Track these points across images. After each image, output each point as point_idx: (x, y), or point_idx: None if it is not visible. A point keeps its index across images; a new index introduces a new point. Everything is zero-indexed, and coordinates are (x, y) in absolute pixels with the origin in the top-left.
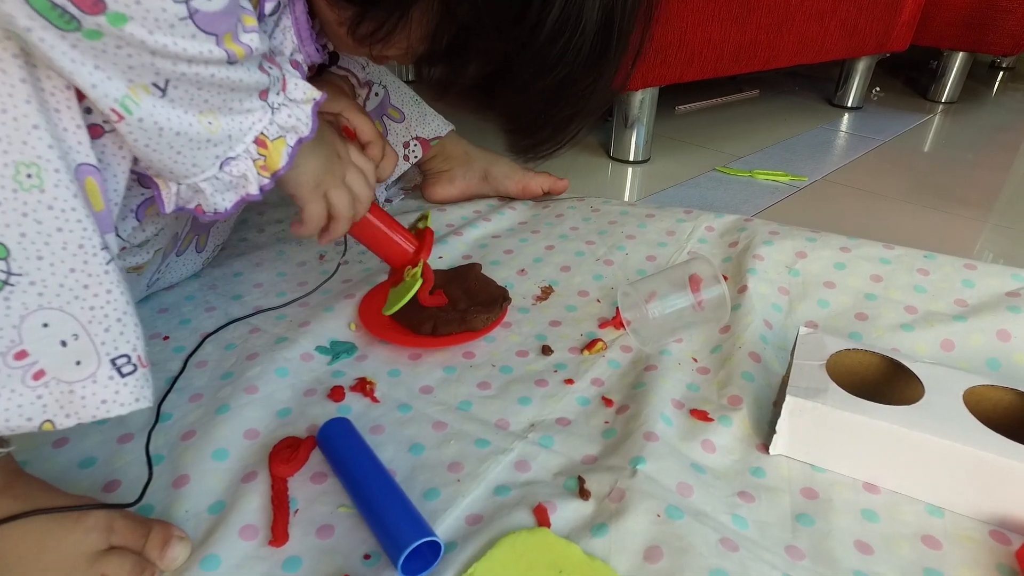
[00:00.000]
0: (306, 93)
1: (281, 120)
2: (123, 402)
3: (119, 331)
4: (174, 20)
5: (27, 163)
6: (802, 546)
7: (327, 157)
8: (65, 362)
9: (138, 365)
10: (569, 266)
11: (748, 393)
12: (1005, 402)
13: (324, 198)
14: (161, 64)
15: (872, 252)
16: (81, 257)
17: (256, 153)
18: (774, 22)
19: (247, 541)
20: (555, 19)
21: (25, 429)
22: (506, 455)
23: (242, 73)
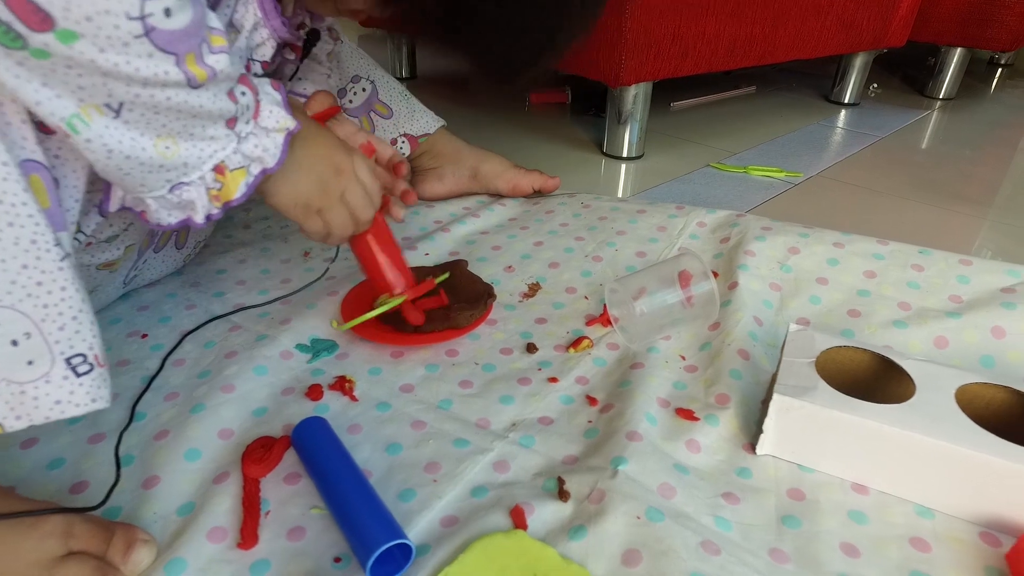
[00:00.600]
0: (279, 122)
1: (247, 150)
2: (78, 403)
3: (74, 329)
4: (128, 38)
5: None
6: (786, 549)
7: (320, 178)
8: (16, 362)
9: (95, 364)
10: (558, 262)
11: (736, 391)
12: (998, 400)
13: (318, 215)
14: (114, 85)
15: (866, 248)
16: (34, 253)
17: (212, 181)
18: (770, 16)
19: (215, 544)
20: None
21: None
22: (485, 455)
23: (205, 99)
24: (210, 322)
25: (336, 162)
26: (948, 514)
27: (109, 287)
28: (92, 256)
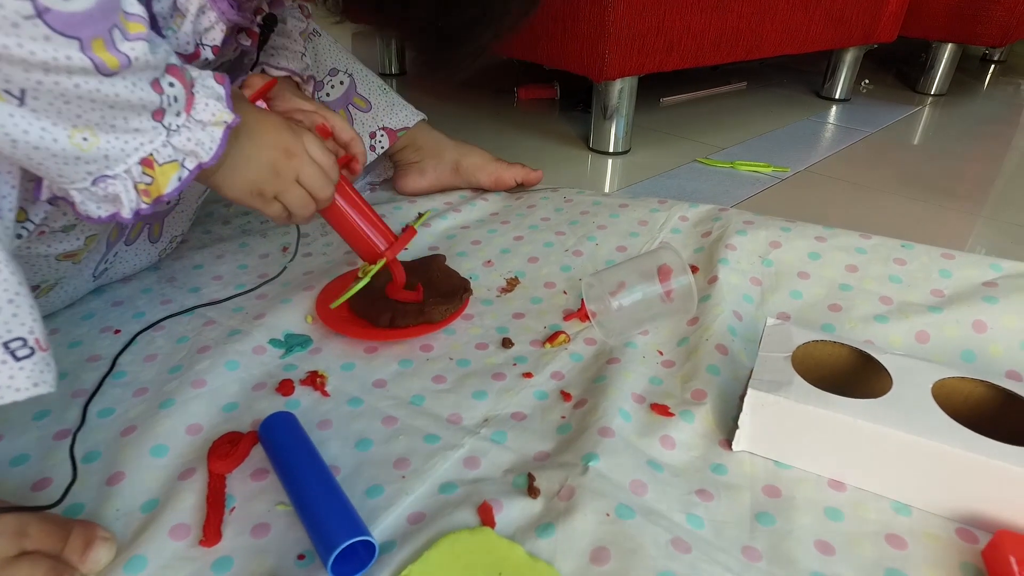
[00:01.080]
0: (216, 115)
1: (178, 143)
2: (19, 387)
3: (11, 313)
4: (17, 19)
5: None
6: (759, 547)
7: (270, 163)
8: None
9: (36, 348)
10: (537, 257)
11: (713, 387)
12: (976, 395)
13: (275, 200)
14: (9, 70)
15: (848, 242)
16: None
17: (140, 175)
18: (757, 10)
19: (177, 541)
20: None
21: None
22: (455, 451)
23: (120, 87)
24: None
25: (285, 145)
26: (925, 510)
27: (76, 280)
28: (48, 246)
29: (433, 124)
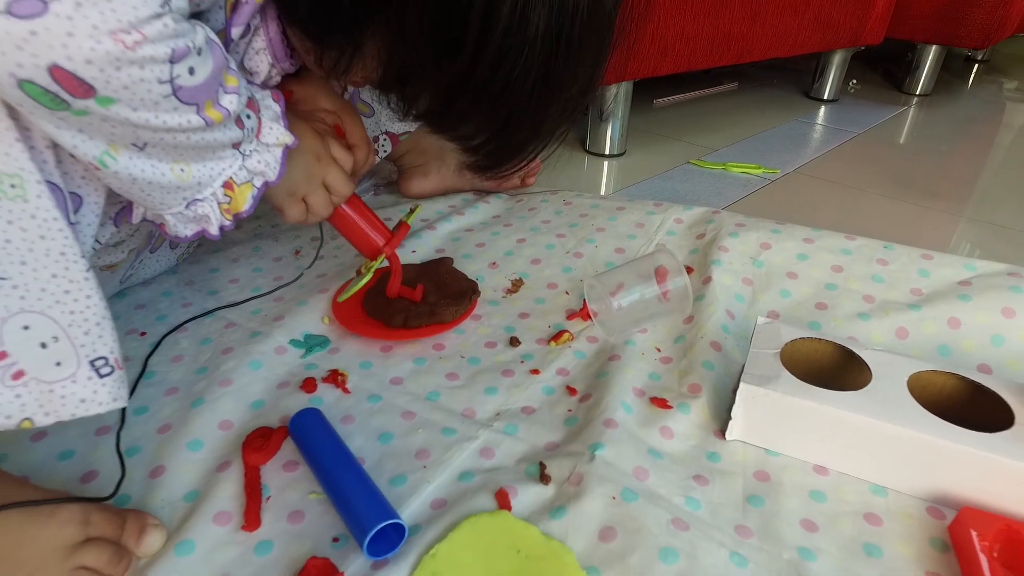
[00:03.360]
0: (279, 138)
1: (251, 165)
2: (101, 401)
3: (98, 335)
4: (158, 99)
5: (9, 174)
6: (751, 525)
7: (305, 168)
8: (45, 363)
9: (115, 367)
10: (539, 259)
11: (708, 381)
12: (949, 387)
13: (302, 201)
14: (142, 132)
15: (834, 243)
16: (63, 264)
17: (222, 196)
18: (747, 15)
19: (221, 527)
20: (496, 48)
21: (4, 427)
22: (471, 443)
23: (217, 134)
24: (192, 320)
25: (316, 152)
26: (899, 491)
27: (107, 286)
28: (99, 259)
29: None
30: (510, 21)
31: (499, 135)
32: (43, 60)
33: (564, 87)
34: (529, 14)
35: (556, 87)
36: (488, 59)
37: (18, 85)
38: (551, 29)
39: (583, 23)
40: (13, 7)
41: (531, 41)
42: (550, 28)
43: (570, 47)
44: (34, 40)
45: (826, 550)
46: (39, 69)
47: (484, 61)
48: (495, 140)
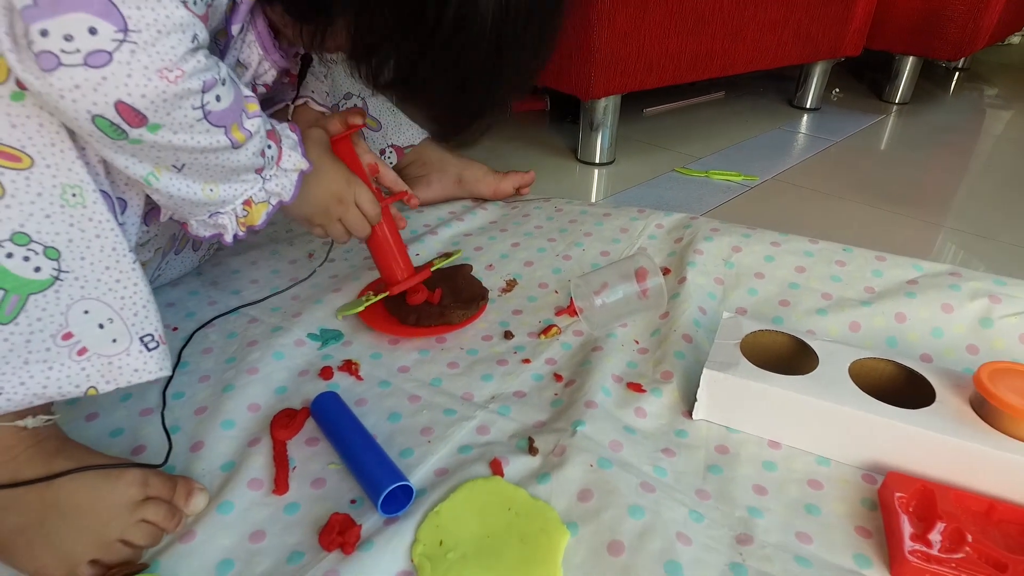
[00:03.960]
0: (296, 164)
1: (270, 187)
2: (151, 370)
3: (144, 315)
4: (193, 121)
5: (71, 185)
6: (709, 489)
7: (322, 204)
8: (103, 340)
9: (160, 342)
10: (532, 261)
11: (679, 369)
12: (888, 372)
13: (338, 221)
14: (181, 154)
15: (798, 246)
16: (114, 258)
17: (241, 211)
18: (729, 32)
19: (254, 491)
20: (451, 19)
21: (74, 394)
22: (470, 422)
23: (243, 157)
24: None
25: (338, 193)
26: (840, 462)
27: None
28: None
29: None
30: None
31: (457, 100)
32: (111, 98)
33: (514, 54)
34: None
35: (507, 54)
36: (445, 28)
37: (92, 120)
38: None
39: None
40: (88, 59)
41: (483, 11)
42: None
43: (518, 18)
44: (104, 83)
45: (773, 509)
46: (108, 105)
47: (442, 29)
48: (454, 105)
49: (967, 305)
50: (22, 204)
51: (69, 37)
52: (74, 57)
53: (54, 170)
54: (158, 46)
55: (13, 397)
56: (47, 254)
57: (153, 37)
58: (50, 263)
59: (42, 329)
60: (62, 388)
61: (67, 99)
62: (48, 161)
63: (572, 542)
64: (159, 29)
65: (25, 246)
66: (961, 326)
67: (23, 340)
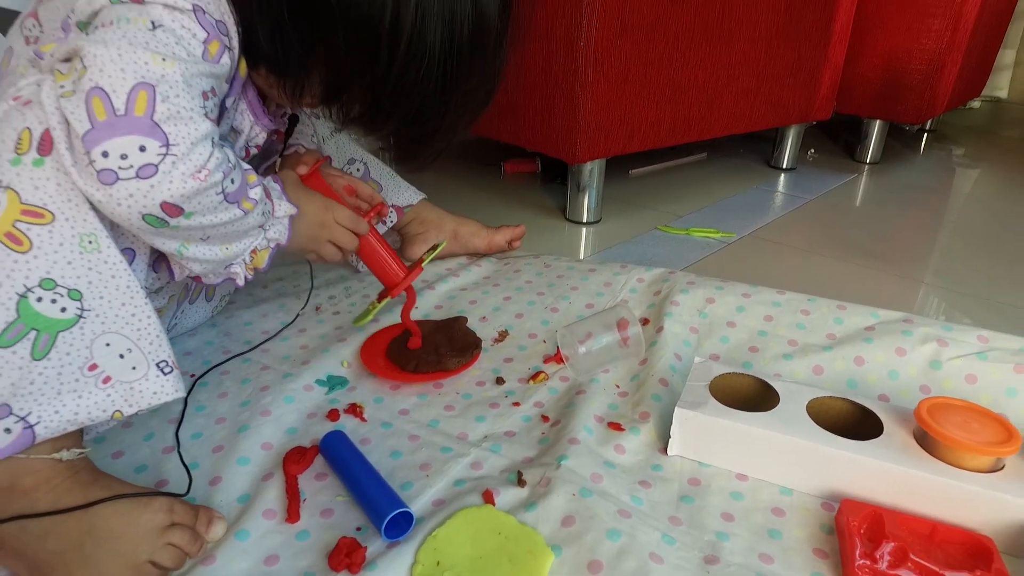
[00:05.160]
0: (286, 211)
1: (270, 235)
2: (168, 392)
3: (158, 344)
4: (216, 204)
5: (87, 233)
6: (681, 516)
7: (310, 234)
8: (125, 368)
9: (173, 367)
10: (522, 314)
11: (656, 410)
12: (845, 410)
13: (327, 243)
14: (208, 229)
15: (767, 297)
16: (128, 295)
17: (248, 259)
18: (705, 100)
19: (268, 520)
20: (403, 55)
21: (102, 418)
22: (464, 458)
23: (251, 220)
24: (232, 359)
25: (319, 219)
26: (801, 491)
27: None
28: None
29: (430, 196)
30: (411, 33)
31: (413, 127)
32: (157, 200)
33: (461, 83)
34: (426, 27)
35: (455, 83)
36: (398, 64)
37: (142, 218)
38: (445, 39)
39: (471, 35)
40: (140, 172)
41: (430, 48)
42: (444, 38)
43: (462, 53)
44: (152, 190)
45: (739, 534)
46: (155, 206)
47: (396, 66)
48: (410, 132)
49: (918, 349)
50: (47, 254)
51: (124, 156)
52: (128, 172)
53: (72, 222)
54: (192, 155)
55: (49, 425)
56: (71, 295)
57: (188, 148)
58: (74, 303)
59: (71, 362)
60: (91, 413)
61: (123, 205)
62: (67, 215)
63: (556, 563)
64: (192, 141)
65: (52, 290)
66: (914, 368)
67: (55, 373)
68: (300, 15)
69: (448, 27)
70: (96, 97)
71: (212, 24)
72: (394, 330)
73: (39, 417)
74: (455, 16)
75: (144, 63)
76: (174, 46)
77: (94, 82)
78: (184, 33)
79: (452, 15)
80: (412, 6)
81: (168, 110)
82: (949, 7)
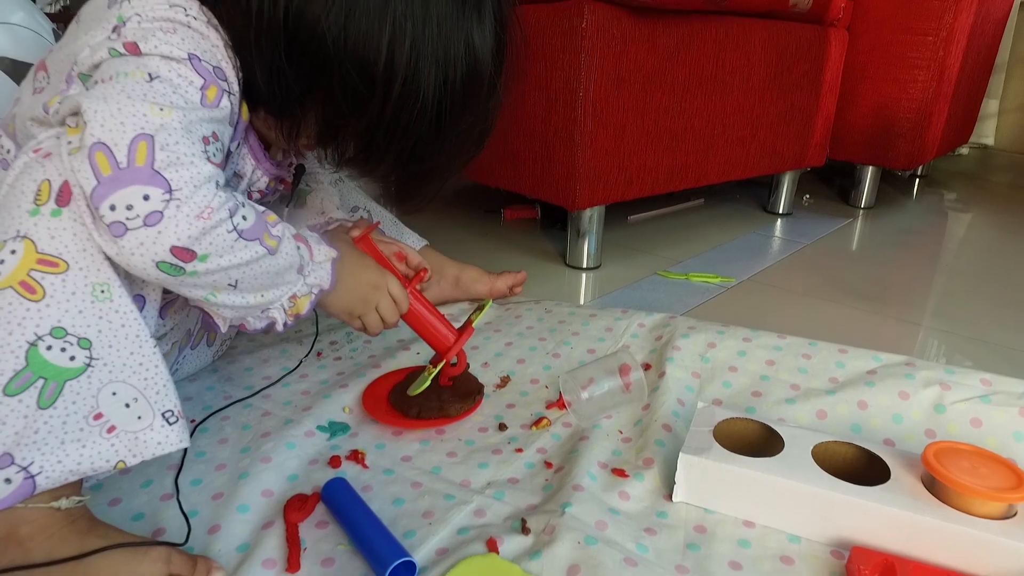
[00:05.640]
0: (327, 254)
1: (310, 281)
2: (172, 443)
3: (165, 394)
4: (231, 242)
5: (100, 283)
6: (688, 565)
7: (361, 294)
8: (130, 418)
9: (179, 417)
10: (524, 359)
11: (659, 456)
12: (850, 454)
13: (374, 311)
14: (232, 272)
15: (768, 341)
16: (138, 343)
17: (287, 304)
18: (701, 148)
19: (268, 570)
20: (397, 97)
21: (104, 468)
22: (467, 506)
23: (281, 259)
24: (232, 404)
25: (373, 282)
26: (810, 539)
27: None
28: None
29: (433, 242)
30: (406, 75)
31: (408, 167)
32: (167, 245)
33: (455, 124)
34: (421, 69)
35: (449, 124)
36: (393, 105)
37: (156, 266)
38: (439, 80)
39: (465, 77)
40: (146, 220)
41: (424, 89)
42: (438, 80)
43: (455, 94)
44: (160, 236)
45: None
46: (165, 251)
47: (390, 106)
48: (406, 172)
49: (921, 392)
50: (59, 303)
51: (130, 206)
52: (136, 221)
53: (86, 272)
54: (195, 197)
55: (51, 475)
56: (80, 344)
57: (191, 191)
58: (83, 352)
59: (76, 411)
60: (94, 464)
61: (136, 255)
62: (80, 264)
63: None
64: (195, 184)
65: (62, 339)
66: (918, 412)
67: (60, 422)
68: (296, 56)
69: (442, 69)
70: (99, 152)
71: (209, 70)
72: (396, 376)
73: (41, 467)
74: (449, 58)
75: (143, 115)
76: (171, 95)
77: (96, 137)
78: (181, 82)
79: (446, 57)
80: (407, 48)
81: (167, 157)
82: (933, 59)
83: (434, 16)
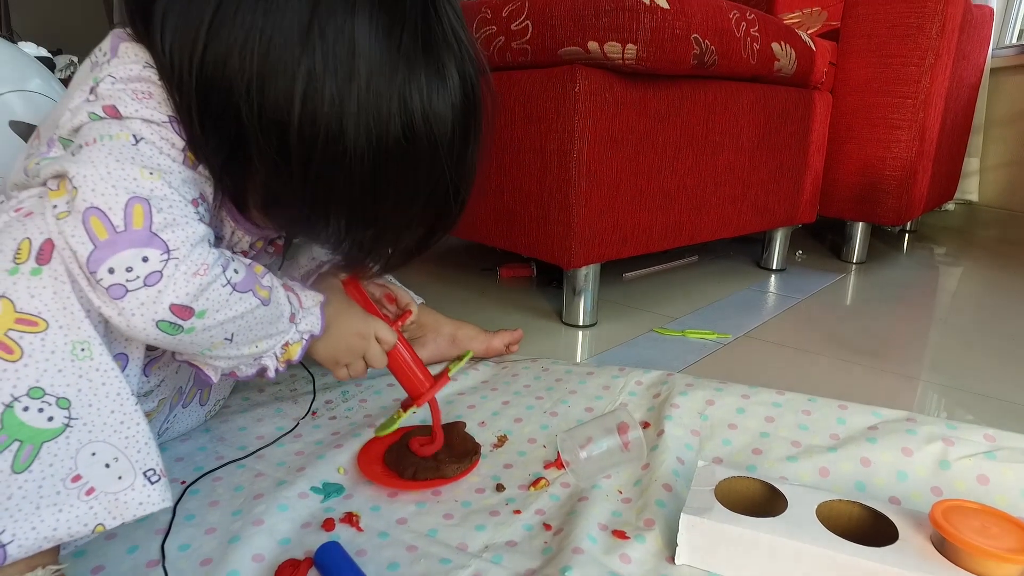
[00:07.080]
0: (314, 300)
1: (301, 327)
2: (154, 502)
3: (147, 452)
4: (226, 296)
5: (80, 341)
6: None
7: (347, 343)
8: (110, 478)
9: (161, 475)
10: (521, 418)
11: (660, 517)
12: (856, 513)
13: (360, 358)
14: (227, 325)
15: (767, 398)
16: (118, 402)
17: (280, 351)
18: (694, 206)
19: None
20: (320, 162)
21: (82, 533)
22: (464, 570)
23: (274, 308)
24: (227, 465)
25: (360, 330)
26: None
27: None
28: None
29: (429, 300)
30: (326, 137)
31: (352, 232)
32: (166, 303)
33: (396, 189)
34: (344, 130)
35: (388, 189)
36: (314, 168)
37: (156, 326)
38: (371, 142)
39: (403, 138)
40: (146, 281)
41: (351, 149)
42: (370, 140)
43: (391, 155)
44: (160, 295)
45: None
46: (165, 310)
47: (314, 167)
48: (351, 237)
49: (924, 448)
50: (38, 362)
51: (129, 268)
52: (136, 283)
53: (66, 330)
54: (192, 256)
55: (24, 543)
56: (59, 404)
57: (188, 251)
58: (62, 412)
59: (53, 474)
60: (71, 529)
61: (136, 315)
62: (60, 323)
63: None
64: (191, 243)
65: (40, 399)
66: (923, 468)
67: (35, 487)
68: (213, 121)
69: (373, 130)
70: (93, 217)
71: None
72: (391, 436)
73: (13, 535)
74: (381, 118)
75: (133, 178)
76: (157, 157)
77: (88, 202)
78: (164, 144)
79: (378, 117)
80: (325, 108)
81: (164, 219)
82: (914, 121)
83: (362, 73)
